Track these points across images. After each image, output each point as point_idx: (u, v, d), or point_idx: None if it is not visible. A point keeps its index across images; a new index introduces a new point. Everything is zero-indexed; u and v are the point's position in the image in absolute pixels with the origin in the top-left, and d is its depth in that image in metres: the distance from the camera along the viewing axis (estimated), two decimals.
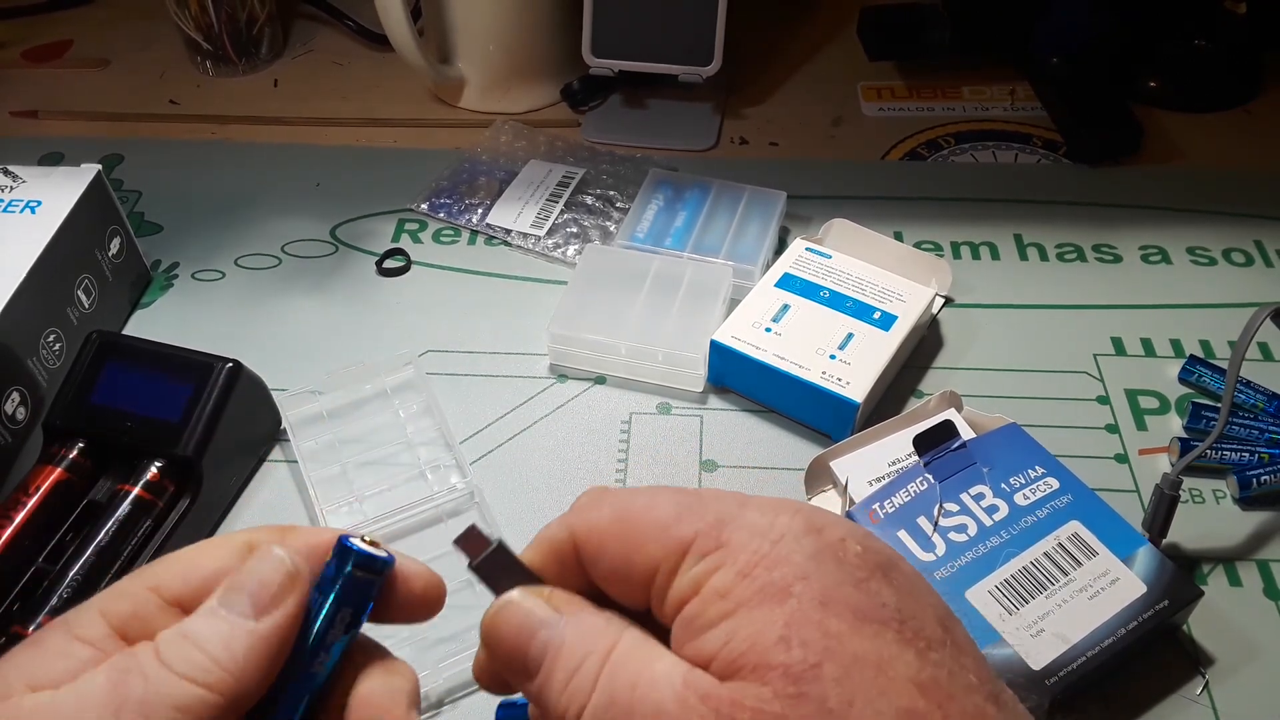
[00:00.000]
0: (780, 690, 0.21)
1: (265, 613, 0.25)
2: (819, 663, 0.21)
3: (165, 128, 0.77)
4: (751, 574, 0.22)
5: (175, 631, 0.25)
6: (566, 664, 0.23)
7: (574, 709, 0.23)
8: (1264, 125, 0.76)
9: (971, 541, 0.45)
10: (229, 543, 0.27)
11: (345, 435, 0.55)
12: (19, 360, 0.53)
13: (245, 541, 0.27)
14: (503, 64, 0.76)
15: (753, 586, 0.22)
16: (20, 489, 0.48)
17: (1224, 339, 0.59)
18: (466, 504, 0.52)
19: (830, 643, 0.21)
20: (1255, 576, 0.49)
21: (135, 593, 0.26)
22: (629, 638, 0.24)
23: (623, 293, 0.59)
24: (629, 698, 0.22)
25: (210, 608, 0.25)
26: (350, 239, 0.67)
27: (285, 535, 0.27)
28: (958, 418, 0.51)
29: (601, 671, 0.23)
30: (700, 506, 0.24)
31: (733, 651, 0.22)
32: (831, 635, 0.21)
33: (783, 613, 0.22)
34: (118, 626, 0.25)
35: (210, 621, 0.25)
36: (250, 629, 0.25)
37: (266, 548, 0.26)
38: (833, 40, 0.84)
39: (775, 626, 0.21)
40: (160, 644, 0.25)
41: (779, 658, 0.21)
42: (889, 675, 0.21)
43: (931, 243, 0.66)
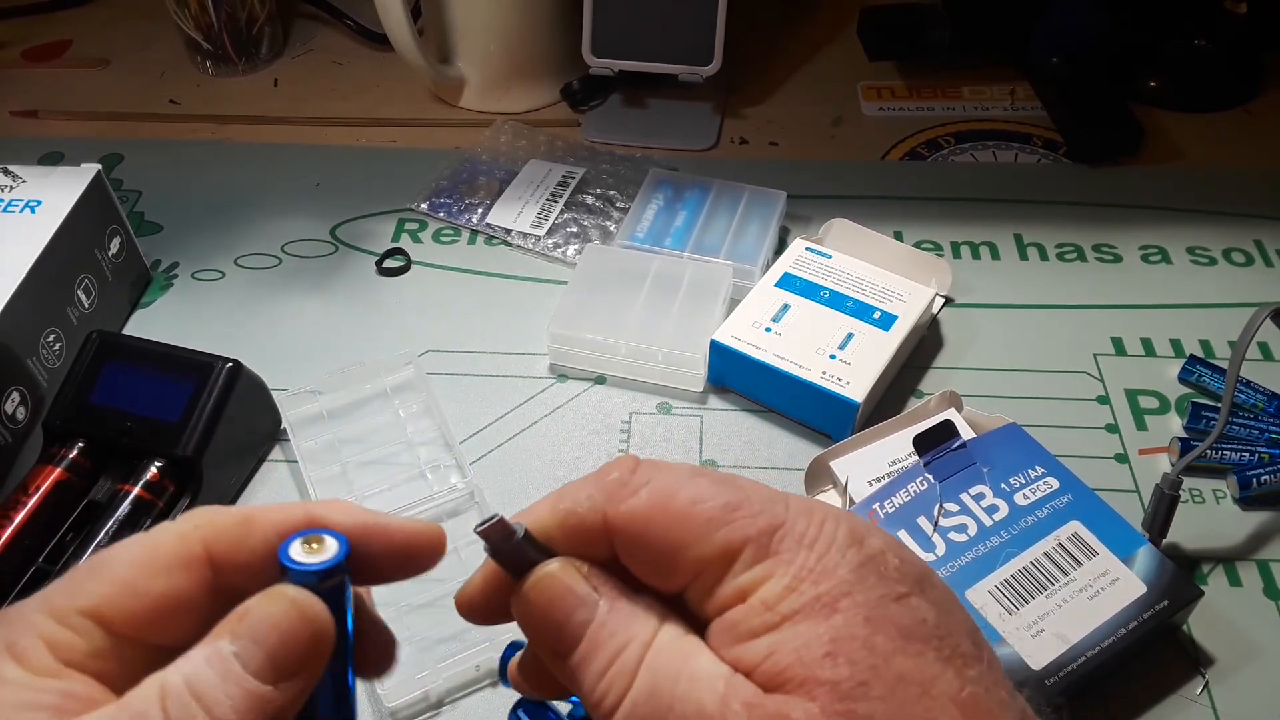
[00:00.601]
0: (827, 706, 0.21)
1: (286, 678, 0.22)
2: (866, 680, 0.21)
3: (165, 128, 0.77)
4: (799, 588, 0.22)
5: (182, 687, 0.22)
6: (608, 649, 0.23)
7: (613, 695, 0.23)
8: (1264, 125, 0.76)
9: (971, 541, 0.45)
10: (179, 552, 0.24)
11: (345, 435, 0.55)
12: (19, 360, 0.53)
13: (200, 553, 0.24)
14: (503, 64, 0.76)
15: (800, 600, 0.22)
16: (20, 489, 0.48)
17: (1224, 339, 0.59)
18: (466, 504, 0.52)
19: (876, 661, 0.21)
20: (1255, 576, 0.49)
21: (75, 623, 0.22)
22: (669, 629, 0.23)
23: (623, 293, 0.59)
24: (671, 691, 0.22)
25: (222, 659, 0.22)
26: (350, 239, 0.67)
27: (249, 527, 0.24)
28: (958, 418, 0.51)
29: (643, 661, 0.23)
30: (747, 506, 0.23)
31: (777, 664, 0.22)
32: (877, 653, 0.21)
33: (829, 628, 0.22)
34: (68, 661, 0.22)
35: (223, 683, 0.22)
36: (265, 697, 0.22)
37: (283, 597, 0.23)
38: (833, 40, 0.84)
39: (822, 642, 0.21)
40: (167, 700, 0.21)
41: (826, 674, 0.21)
42: (932, 695, 0.21)
43: (931, 243, 0.66)
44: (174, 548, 0.24)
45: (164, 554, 0.24)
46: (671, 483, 0.24)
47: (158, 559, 0.23)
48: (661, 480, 0.24)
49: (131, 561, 0.23)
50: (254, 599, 0.23)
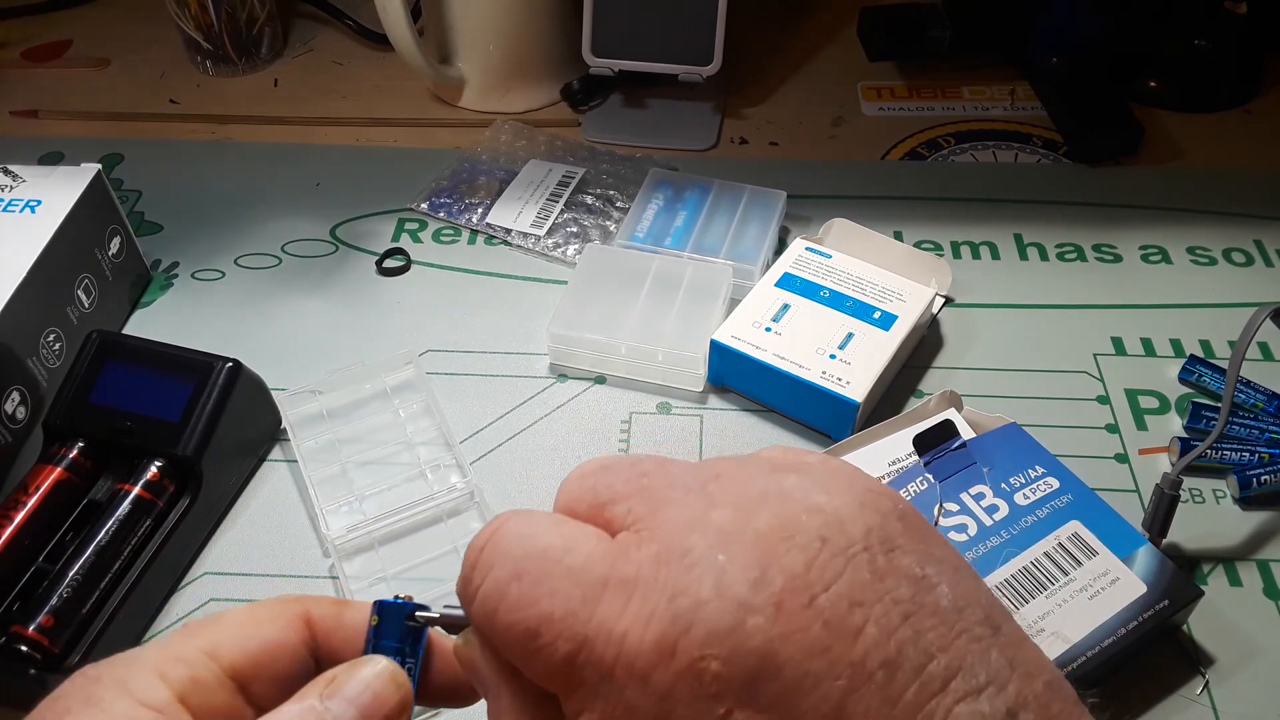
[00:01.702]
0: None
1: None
2: None
3: (165, 128, 0.77)
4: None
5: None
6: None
7: None
8: (1264, 125, 0.76)
9: (971, 541, 0.45)
10: (285, 611, 0.26)
11: (345, 435, 0.55)
12: (19, 360, 0.53)
13: (301, 613, 0.26)
14: (503, 64, 0.76)
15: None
16: (20, 489, 0.48)
17: (1224, 339, 0.59)
18: (466, 504, 0.52)
19: None
20: (1255, 576, 0.49)
21: (192, 657, 0.25)
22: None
23: (623, 292, 0.59)
24: None
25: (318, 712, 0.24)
26: (350, 239, 0.67)
27: (342, 609, 0.27)
28: (958, 418, 0.51)
29: None
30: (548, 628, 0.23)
31: None
32: None
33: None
34: (178, 692, 0.24)
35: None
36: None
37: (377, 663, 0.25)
38: (833, 40, 0.84)
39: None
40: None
41: None
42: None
43: (931, 243, 0.66)
44: (281, 607, 0.26)
45: (273, 610, 0.26)
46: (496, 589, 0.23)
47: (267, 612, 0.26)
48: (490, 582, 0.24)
49: (244, 615, 0.26)
50: (344, 665, 0.25)
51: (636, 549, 0.22)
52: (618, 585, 0.22)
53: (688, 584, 0.21)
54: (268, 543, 0.51)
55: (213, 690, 0.24)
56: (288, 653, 0.26)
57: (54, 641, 0.43)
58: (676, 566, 0.22)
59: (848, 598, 0.21)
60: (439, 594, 0.48)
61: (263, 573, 0.50)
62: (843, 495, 0.23)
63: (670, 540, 0.22)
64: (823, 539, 0.22)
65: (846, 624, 0.21)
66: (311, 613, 0.26)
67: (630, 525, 0.23)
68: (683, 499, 0.23)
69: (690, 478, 0.24)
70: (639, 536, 0.23)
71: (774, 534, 0.22)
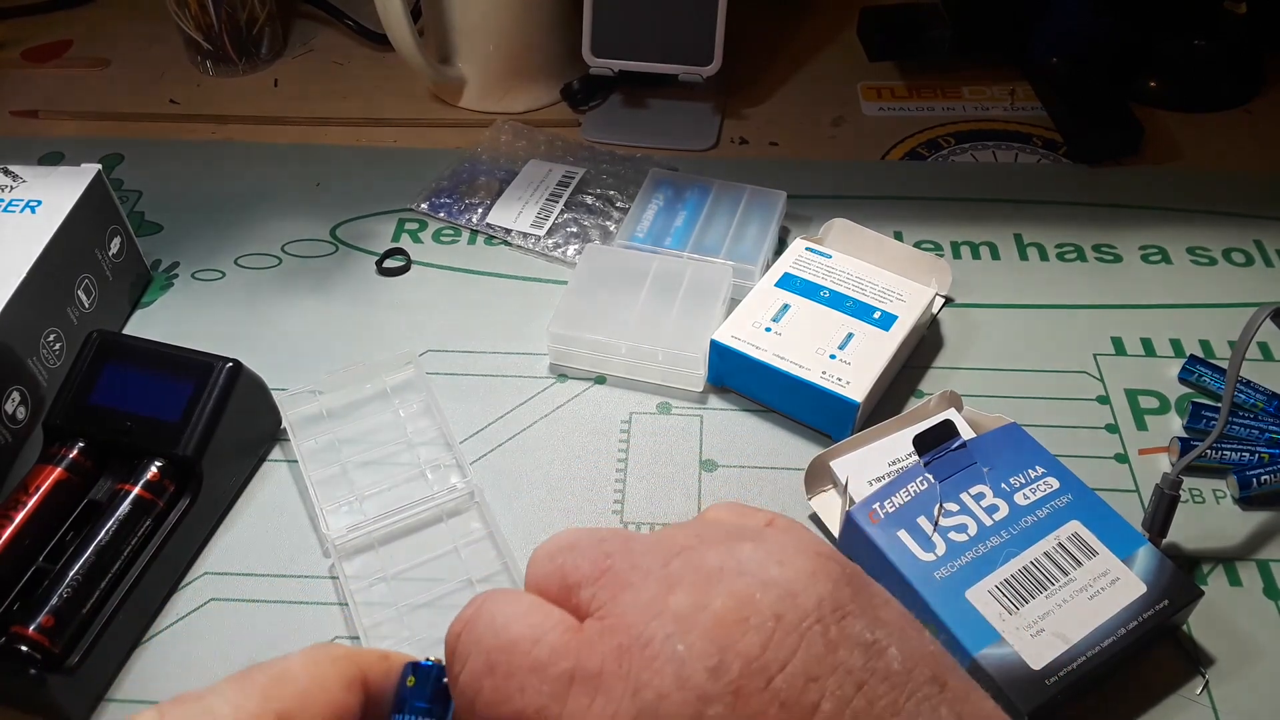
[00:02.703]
0: None
1: None
2: None
3: (165, 128, 0.77)
4: None
5: None
6: None
7: None
8: (1264, 125, 0.76)
9: (971, 541, 0.45)
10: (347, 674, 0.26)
11: (345, 435, 0.55)
12: (19, 360, 0.53)
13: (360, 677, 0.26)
14: (503, 64, 0.76)
15: None
16: (20, 489, 0.48)
17: (1224, 339, 0.59)
18: (467, 504, 0.52)
19: None
20: (1255, 576, 0.49)
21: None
22: None
23: (623, 293, 0.59)
24: None
25: None
26: (350, 239, 0.67)
27: (388, 668, 0.27)
28: (958, 417, 0.51)
29: None
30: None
31: None
32: None
33: None
34: None
35: None
36: None
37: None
38: (833, 40, 0.84)
39: None
40: None
41: None
42: None
43: (931, 243, 0.66)
44: (343, 670, 0.26)
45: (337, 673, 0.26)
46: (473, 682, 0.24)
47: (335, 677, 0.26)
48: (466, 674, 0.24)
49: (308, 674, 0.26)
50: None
51: (600, 639, 0.23)
52: (583, 680, 0.23)
53: (650, 677, 0.22)
54: (268, 543, 0.51)
55: None
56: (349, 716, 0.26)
57: (54, 641, 0.43)
58: (638, 658, 0.23)
59: (803, 674, 0.22)
60: (439, 594, 0.48)
61: (263, 573, 0.50)
62: (795, 564, 0.24)
63: (632, 630, 0.23)
64: (777, 616, 0.23)
65: (803, 701, 0.22)
66: (367, 674, 0.26)
67: (595, 611, 0.24)
68: (643, 583, 0.24)
69: (652, 558, 0.25)
70: (602, 625, 0.24)
71: (730, 616, 0.23)
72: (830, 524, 0.50)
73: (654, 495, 0.52)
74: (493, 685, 0.24)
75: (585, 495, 0.52)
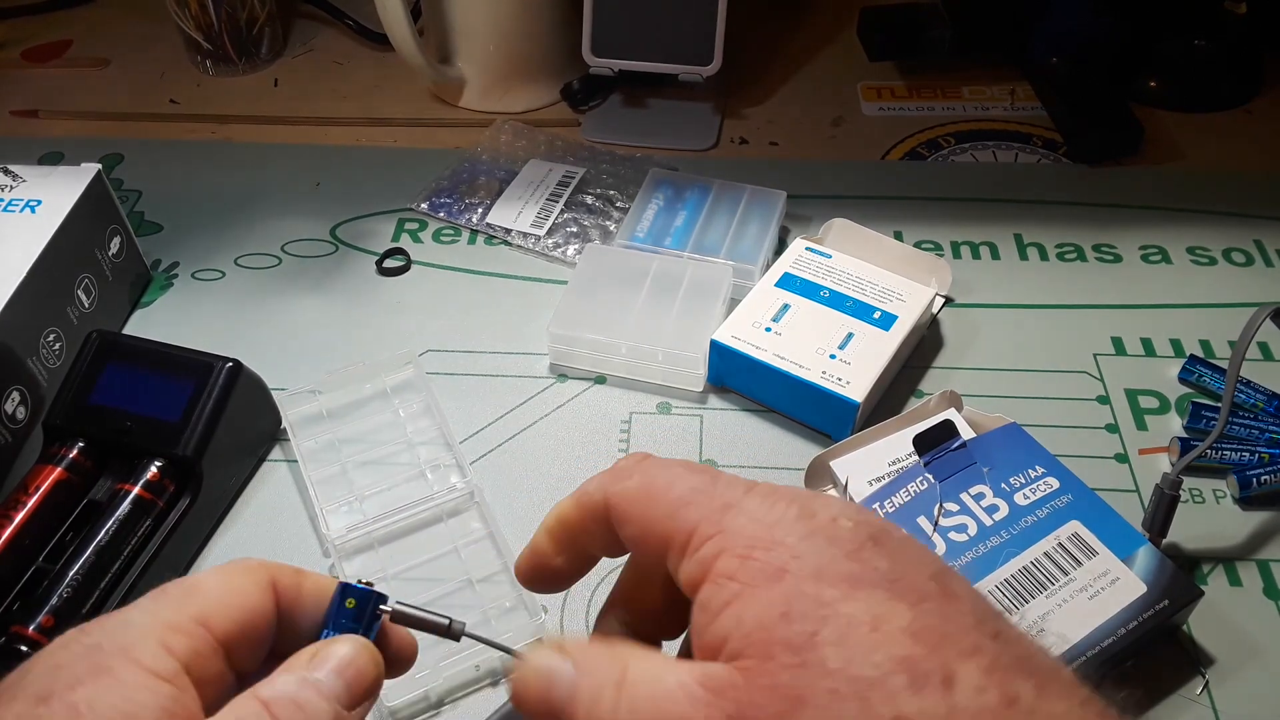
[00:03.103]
0: (785, 663, 0.22)
1: (356, 705, 0.27)
2: (815, 630, 0.22)
3: (165, 128, 0.77)
4: (750, 556, 0.24)
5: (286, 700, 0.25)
6: (586, 700, 0.24)
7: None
8: (1264, 125, 0.76)
9: (972, 541, 0.45)
10: (259, 578, 0.28)
11: (345, 435, 0.55)
12: (19, 360, 0.53)
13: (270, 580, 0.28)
14: (503, 64, 0.76)
15: (752, 569, 0.24)
16: (20, 489, 0.48)
17: (1224, 339, 0.59)
18: (466, 504, 0.52)
19: (825, 610, 0.22)
20: (1255, 576, 0.49)
21: (188, 628, 0.26)
22: (637, 662, 0.24)
23: (623, 292, 0.59)
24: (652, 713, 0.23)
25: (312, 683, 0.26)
26: (350, 239, 0.67)
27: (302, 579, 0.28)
28: (958, 417, 0.51)
29: (620, 697, 0.24)
30: (711, 490, 0.26)
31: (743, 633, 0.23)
32: (825, 604, 0.23)
33: (781, 591, 0.23)
34: (183, 663, 0.25)
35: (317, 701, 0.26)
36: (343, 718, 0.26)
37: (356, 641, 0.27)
38: (833, 40, 0.84)
39: (776, 605, 0.23)
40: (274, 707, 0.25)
41: (781, 633, 0.22)
42: (882, 630, 0.22)
43: (931, 243, 0.66)
44: (255, 574, 0.28)
45: (249, 576, 0.28)
46: (658, 471, 0.27)
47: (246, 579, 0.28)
48: (652, 469, 0.27)
49: (221, 582, 0.27)
50: (323, 642, 0.27)
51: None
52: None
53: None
54: (268, 543, 0.51)
55: (208, 659, 0.26)
56: (265, 619, 0.27)
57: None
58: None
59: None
60: (438, 594, 0.48)
61: None
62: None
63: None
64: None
65: None
66: (277, 580, 0.28)
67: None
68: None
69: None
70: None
71: None
72: None
73: None
74: None
75: None
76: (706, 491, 0.26)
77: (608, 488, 0.28)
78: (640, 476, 0.27)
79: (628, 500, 0.27)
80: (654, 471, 0.27)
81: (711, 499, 0.26)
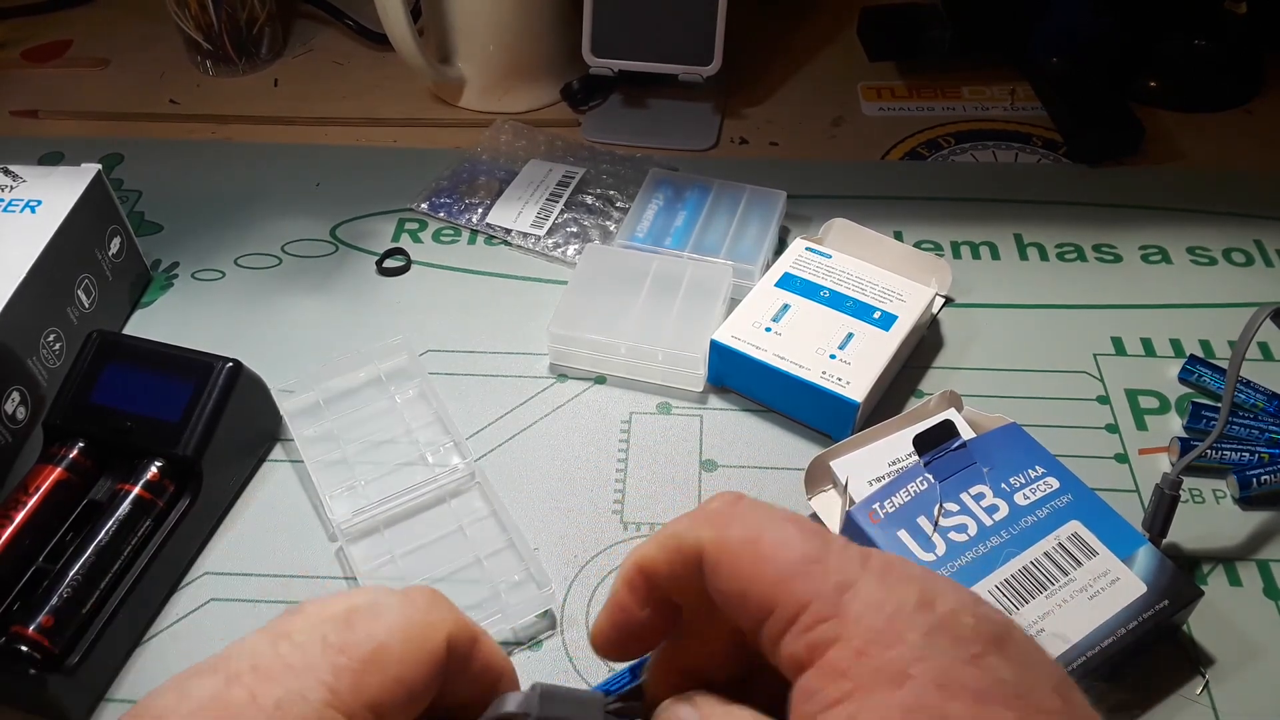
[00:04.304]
0: None
1: None
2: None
3: (165, 128, 0.77)
4: (869, 652, 0.22)
5: None
6: None
7: None
8: (1264, 125, 0.76)
9: (971, 541, 0.45)
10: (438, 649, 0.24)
11: (344, 424, 0.55)
12: (19, 360, 0.53)
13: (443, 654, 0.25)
14: (503, 64, 0.76)
15: (869, 666, 0.22)
16: (20, 489, 0.48)
17: (1224, 339, 0.59)
18: (468, 484, 0.52)
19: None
20: (1255, 576, 0.49)
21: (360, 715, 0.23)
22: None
23: (623, 293, 0.59)
24: None
25: None
26: (350, 239, 0.67)
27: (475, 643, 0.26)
28: (958, 418, 0.51)
29: None
30: (825, 561, 0.24)
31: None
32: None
33: (901, 699, 0.21)
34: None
35: None
36: None
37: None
38: (833, 40, 0.84)
39: (894, 714, 0.21)
40: None
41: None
42: None
43: (931, 243, 0.66)
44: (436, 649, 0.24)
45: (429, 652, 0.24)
46: (762, 522, 0.25)
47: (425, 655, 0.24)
48: (755, 518, 0.25)
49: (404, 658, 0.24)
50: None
51: None
52: None
53: None
54: (268, 542, 0.51)
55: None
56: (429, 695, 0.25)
57: (54, 641, 0.43)
58: None
59: None
60: (443, 574, 0.48)
61: (263, 573, 0.50)
62: None
63: None
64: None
65: None
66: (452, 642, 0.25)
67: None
68: None
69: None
70: None
71: None
72: (830, 524, 0.50)
73: (654, 495, 0.52)
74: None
75: (585, 495, 0.52)
76: (821, 562, 0.24)
77: (702, 533, 0.25)
78: (742, 527, 0.25)
79: (728, 553, 0.24)
80: (759, 523, 0.25)
81: (827, 573, 0.23)
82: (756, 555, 0.24)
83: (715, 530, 0.25)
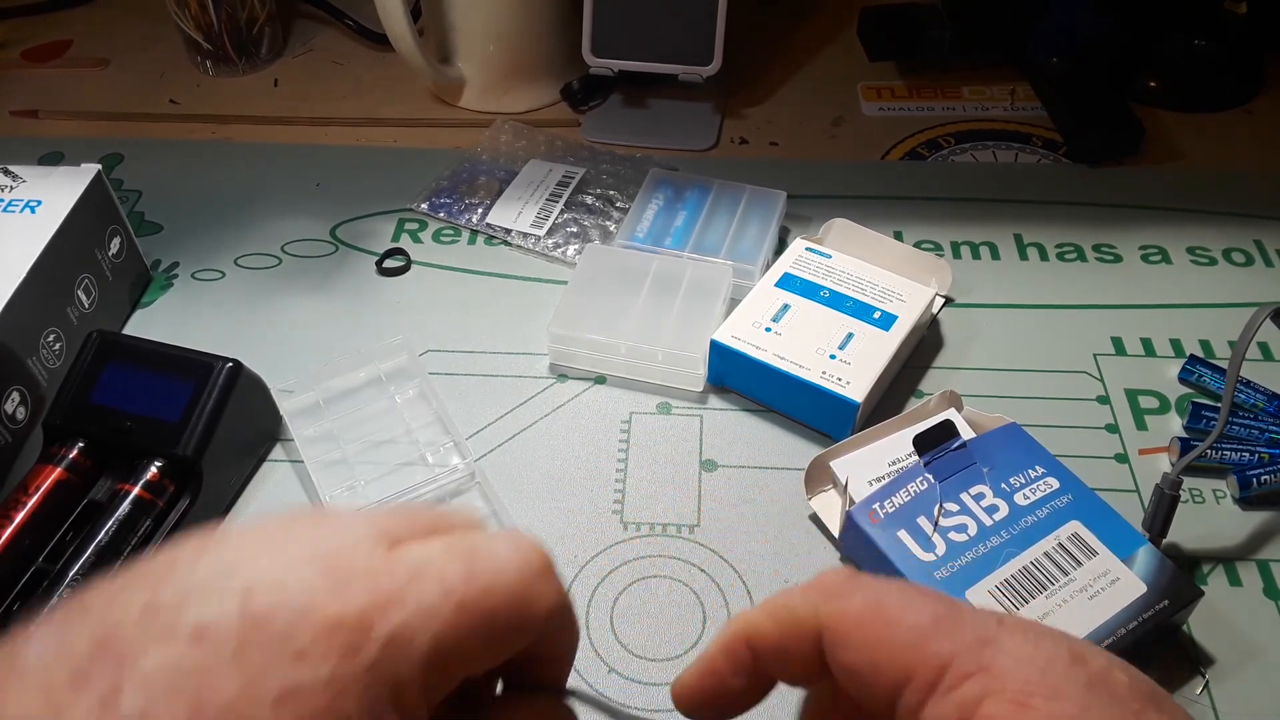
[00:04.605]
0: None
1: None
2: None
3: (165, 128, 0.77)
4: (1029, 705, 0.21)
5: None
6: None
7: None
8: (1264, 125, 0.76)
9: (972, 541, 0.45)
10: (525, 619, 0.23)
11: (343, 424, 0.55)
12: (19, 360, 0.53)
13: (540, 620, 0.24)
14: (503, 64, 0.76)
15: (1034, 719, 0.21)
16: (20, 489, 0.48)
17: (1224, 339, 0.59)
18: (468, 484, 0.52)
19: None
20: (1255, 576, 0.49)
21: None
22: None
23: (623, 293, 0.59)
24: None
25: None
26: (350, 239, 0.67)
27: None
28: (958, 418, 0.51)
29: None
30: (958, 620, 0.23)
31: None
32: None
33: None
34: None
35: None
36: None
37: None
38: (833, 40, 0.84)
39: None
40: None
41: None
42: None
43: (931, 243, 0.66)
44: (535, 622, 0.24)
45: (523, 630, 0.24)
46: (884, 589, 0.24)
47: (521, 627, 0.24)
48: (876, 588, 0.24)
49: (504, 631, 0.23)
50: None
51: None
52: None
53: None
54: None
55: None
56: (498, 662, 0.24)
57: None
58: None
59: None
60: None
61: None
62: None
63: None
64: None
65: None
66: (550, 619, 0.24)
67: None
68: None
69: None
70: None
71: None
72: (830, 524, 0.50)
73: (654, 495, 0.52)
74: None
75: (585, 495, 0.52)
76: (955, 620, 0.23)
77: (820, 605, 0.24)
78: (864, 596, 0.24)
79: (853, 623, 0.23)
80: (881, 591, 0.24)
81: (963, 630, 0.22)
82: (886, 621, 0.23)
83: (837, 602, 0.24)
